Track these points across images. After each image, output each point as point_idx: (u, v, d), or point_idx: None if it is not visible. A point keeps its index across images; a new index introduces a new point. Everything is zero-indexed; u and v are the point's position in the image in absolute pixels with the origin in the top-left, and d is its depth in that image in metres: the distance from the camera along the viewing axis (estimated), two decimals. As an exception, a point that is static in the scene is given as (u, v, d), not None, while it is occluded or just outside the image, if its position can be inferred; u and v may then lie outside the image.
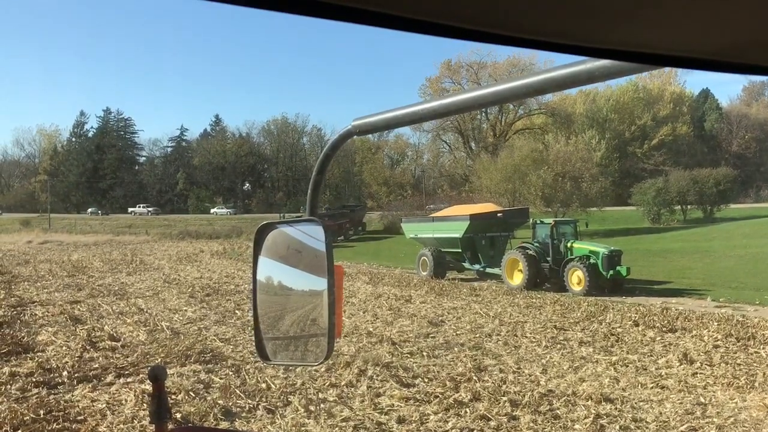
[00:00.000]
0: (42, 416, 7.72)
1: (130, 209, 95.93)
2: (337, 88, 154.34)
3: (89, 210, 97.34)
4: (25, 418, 7.56)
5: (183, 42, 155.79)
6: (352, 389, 9.02)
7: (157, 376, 1.56)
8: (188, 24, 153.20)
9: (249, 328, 13.78)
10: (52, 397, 8.69)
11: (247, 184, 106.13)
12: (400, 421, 7.68)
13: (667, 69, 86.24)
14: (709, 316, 15.47)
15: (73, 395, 8.82)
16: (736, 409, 8.23)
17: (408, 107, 1.15)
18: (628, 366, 10.65)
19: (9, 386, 9.08)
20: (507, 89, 1.00)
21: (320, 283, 1.26)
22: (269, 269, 1.35)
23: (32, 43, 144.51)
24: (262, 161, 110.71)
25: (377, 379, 9.49)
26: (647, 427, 7.50)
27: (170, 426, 1.55)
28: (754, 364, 10.59)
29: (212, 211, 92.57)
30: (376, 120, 1.19)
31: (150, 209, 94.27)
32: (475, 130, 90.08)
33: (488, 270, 25.43)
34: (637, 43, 0.55)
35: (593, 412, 7.92)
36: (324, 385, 9.20)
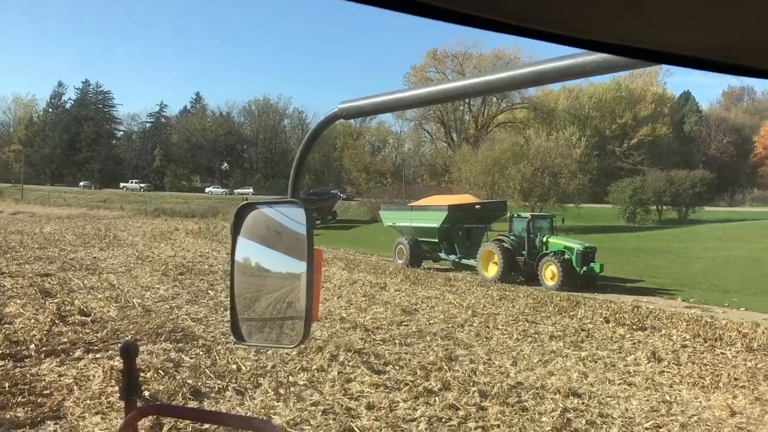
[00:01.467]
0: (7, 389, 7.62)
1: (122, 184, 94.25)
2: (321, 73, 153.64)
3: (81, 183, 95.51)
4: (-11, 390, 7.46)
5: (166, 16, 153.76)
6: (323, 374, 9.02)
7: (128, 352, 1.53)
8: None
9: (221, 308, 13.74)
10: (18, 370, 8.57)
11: (226, 164, 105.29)
12: (370, 407, 7.69)
13: (649, 69, 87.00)
14: (679, 315, 15.70)
15: (40, 369, 8.71)
16: (700, 408, 8.37)
17: (396, 93, 1.14)
18: (597, 362, 10.78)
19: (-26, 357, 8.95)
20: (498, 80, 1.00)
21: (299, 266, 1.23)
22: (248, 249, 1.33)
23: (11, 9, 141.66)
24: (242, 141, 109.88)
25: (348, 365, 9.50)
26: (613, 423, 7.59)
27: (139, 403, 1.52)
28: (720, 365, 10.77)
29: (207, 190, 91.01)
30: (363, 104, 1.17)
31: (143, 185, 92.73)
32: (457, 121, 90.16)
33: (464, 261, 25.56)
34: (635, 38, 0.54)
35: (561, 405, 8.00)
36: (295, 368, 9.18)
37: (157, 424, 6.48)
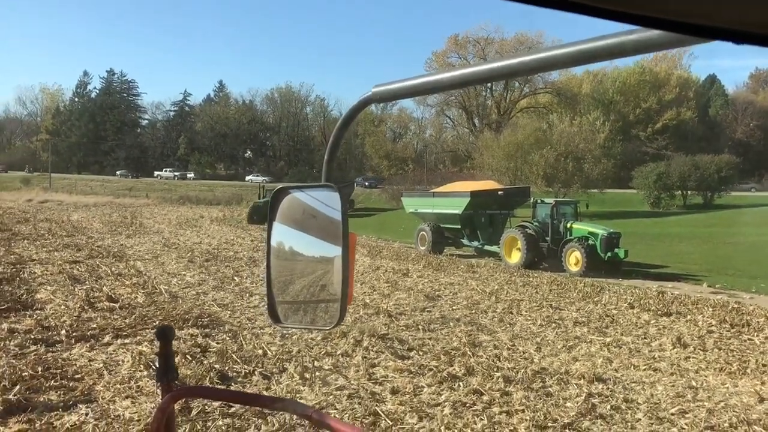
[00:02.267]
0: (40, 373, 7.80)
1: (156, 173, 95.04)
2: (342, 59, 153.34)
3: (118, 172, 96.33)
4: (23, 374, 7.64)
5: (189, 5, 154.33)
6: (348, 359, 9.10)
7: (164, 335, 1.57)
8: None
9: (247, 294, 13.91)
10: (50, 354, 8.76)
11: (249, 152, 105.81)
12: (394, 392, 7.75)
13: (673, 52, 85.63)
14: (705, 301, 15.54)
15: (70, 354, 8.90)
16: (727, 394, 8.31)
17: (430, 75, 1.12)
18: (621, 347, 10.74)
19: (8, 342, 9.16)
20: (541, 59, 0.93)
21: (333, 250, 1.26)
22: (283, 233, 1.35)
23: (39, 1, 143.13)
24: (265, 129, 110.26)
25: (372, 350, 9.57)
26: (638, 408, 7.58)
27: (177, 385, 1.56)
28: (747, 351, 10.67)
29: (248, 178, 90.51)
30: (397, 87, 1.15)
31: (176, 173, 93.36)
32: (479, 107, 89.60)
33: (486, 247, 25.49)
34: (690, 13, 0.51)
35: (585, 391, 8.00)
36: (320, 353, 9.28)
37: (185, 407, 6.60)
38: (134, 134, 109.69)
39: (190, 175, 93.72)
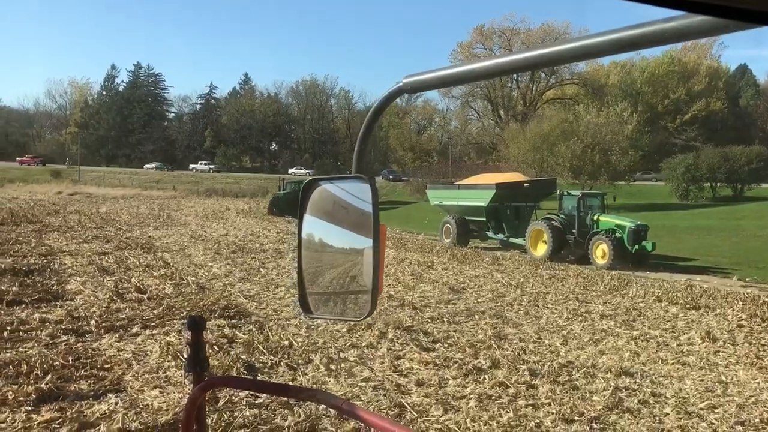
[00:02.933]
0: (70, 362, 7.93)
1: (191, 166, 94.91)
2: (367, 51, 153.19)
3: (153, 164, 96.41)
4: (54, 364, 7.77)
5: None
6: (373, 350, 9.11)
7: (196, 325, 1.58)
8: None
9: (273, 286, 13.99)
10: (80, 344, 8.90)
11: (274, 144, 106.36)
12: (419, 384, 7.75)
13: (702, 41, 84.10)
14: (734, 295, 15.32)
15: (100, 344, 9.02)
16: (757, 390, 8.18)
17: (462, 65, 1.09)
18: (649, 341, 10.62)
19: (39, 332, 9.33)
20: (575, 48, 0.89)
21: (363, 241, 1.26)
22: (314, 225, 1.35)
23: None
24: (290, 122, 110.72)
25: (397, 342, 9.57)
26: (666, 402, 7.50)
27: (207, 375, 1.58)
28: (779, 346, 10.50)
29: (290, 171, 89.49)
30: (429, 77, 1.13)
31: (211, 166, 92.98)
32: (504, 98, 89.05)
33: (512, 240, 25.36)
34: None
35: (612, 384, 7.93)
36: (345, 345, 9.31)
37: (212, 397, 6.67)
38: (161, 127, 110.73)
39: (212, 166, 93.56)
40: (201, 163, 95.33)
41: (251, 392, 6.78)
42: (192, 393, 1.40)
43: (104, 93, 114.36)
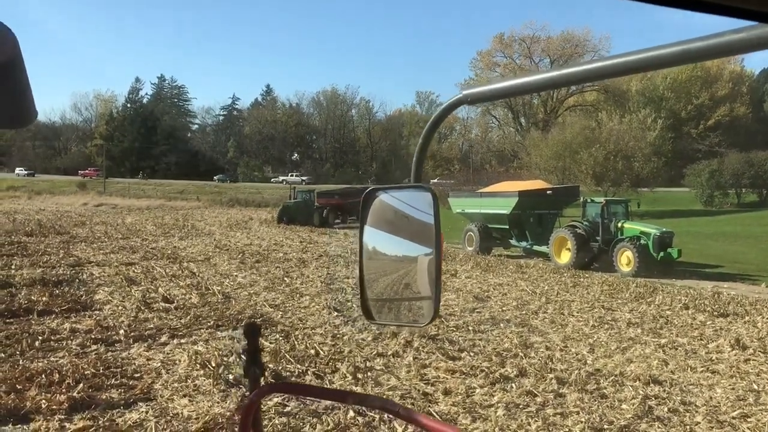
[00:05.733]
0: (101, 372, 8.05)
1: (281, 177, 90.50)
2: (386, 61, 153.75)
3: (216, 177, 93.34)
4: (85, 373, 7.89)
5: (239, 13, 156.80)
6: (399, 359, 9.13)
7: (252, 331, 1.63)
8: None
9: (297, 295, 14.07)
10: (110, 354, 9.03)
11: (296, 155, 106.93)
12: (446, 392, 7.75)
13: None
14: (763, 302, 15.11)
15: (129, 353, 9.15)
16: (790, 398, 8.07)
17: (520, 77, 1.11)
18: (677, 349, 10.52)
19: (70, 341, 9.49)
20: (639, 60, 0.86)
21: (418, 249, 1.29)
22: (374, 233, 1.38)
23: (90, 7, 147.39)
24: (311, 132, 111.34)
25: (423, 351, 9.58)
26: (697, 411, 7.42)
27: (263, 382, 1.62)
28: (810, 354, 10.34)
29: (281, 179, 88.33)
30: (488, 89, 1.16)
31: (304, 178, 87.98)
32: (525, 106, 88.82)
33: (535, 247, 25.22)
34: None
35: (641, 393, 7.87)
36: (371, 353, 9.33)
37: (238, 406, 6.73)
38: (184, 139, 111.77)
39: (304, 178, 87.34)
40: (292, 175, 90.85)
41: (282, 400, 6.85)
42: (249, 398, 1.44)
43: (129, 105, 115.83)
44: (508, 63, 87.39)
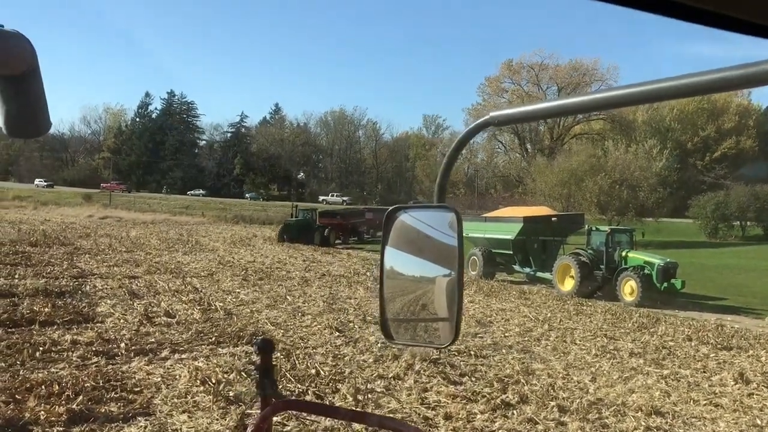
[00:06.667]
0: (101, 384, 8.02)
1: (321, 197, 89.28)
2: (395, 83, 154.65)
3: (247, 195, 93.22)
4: (85, 385, 7.86)
5: (250, 32, 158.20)
6: (400, 382, 9.08)
7: (265, 348, 1.64)
8: (255, 12, 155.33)
9: (299, 314, 14.03)
10: (110, 367, 9.00)
11: (302, 174, 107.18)
12: (447, 417, 7.71)
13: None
14: (767, 336, 15.03)
15: (130, 367, 9.12)
16: (793, 434, 8.01)
17: (548, 101, 1.11)
18: (680, 380, 10.45)
19: (70, 353, 9.46)
20: (682, 86, 0.83)
21: (437, 269, 1.30)
22: (396, 253, 1.39)
23: (102, 21, 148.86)
24: (318, 151, 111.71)
25: (424, 374, 9.53)
26: (699, 444, 7.36)
27: (274, 399, 1.62)
28: (814, 390, 10.25)
29: (321, 198, 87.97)
30: (515, 112, 1.17)
31: (345, 198, 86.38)
32: (531, 132, 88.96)
33: (539, 274, 25.17)
34: None
35: (643, 424, 7.82)
36: (372, 375, 9.29)
37: (240, 424, 6.69)
38: (192, 154, 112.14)
39: (345, 198, 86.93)
40: (333, 195, 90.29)
41: (282, 419, 6.81)
42: (261, 414, 1.44)
43: (138, 119, 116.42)
44: (516, 89, 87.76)
